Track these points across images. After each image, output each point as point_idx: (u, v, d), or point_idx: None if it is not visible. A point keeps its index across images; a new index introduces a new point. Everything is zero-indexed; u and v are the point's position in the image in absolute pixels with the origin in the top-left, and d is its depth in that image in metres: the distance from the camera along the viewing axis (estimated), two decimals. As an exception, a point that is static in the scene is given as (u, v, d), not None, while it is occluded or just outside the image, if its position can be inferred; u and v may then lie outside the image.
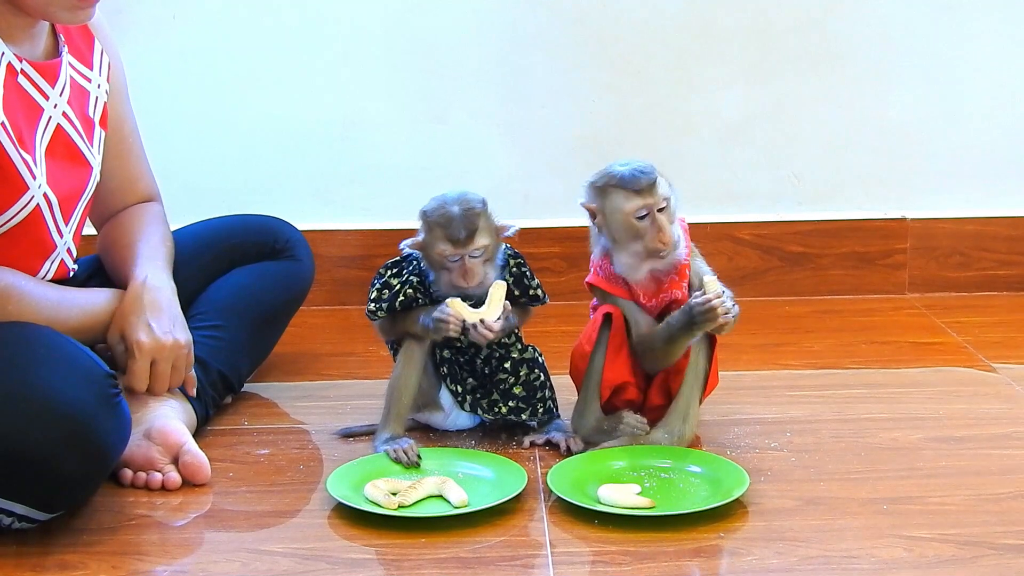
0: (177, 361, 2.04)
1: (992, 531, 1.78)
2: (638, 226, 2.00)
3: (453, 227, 2.00)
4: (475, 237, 2.01)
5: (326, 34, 2.86)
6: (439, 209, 2.03)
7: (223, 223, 2.41)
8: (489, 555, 1.74)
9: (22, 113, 1.92)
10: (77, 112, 2.02)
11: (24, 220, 1.93)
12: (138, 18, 2.81)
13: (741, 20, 2.88)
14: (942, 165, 2.95)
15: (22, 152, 1.90)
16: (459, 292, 2.03)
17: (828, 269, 2.96)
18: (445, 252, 2.02)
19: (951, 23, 2.89)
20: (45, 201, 1.94)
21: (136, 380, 2.00)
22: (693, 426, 2.06)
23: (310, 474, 2.01)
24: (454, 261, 2.02)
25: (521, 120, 2.91)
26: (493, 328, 2.01)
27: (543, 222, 2.91)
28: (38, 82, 1.95)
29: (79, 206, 2.03)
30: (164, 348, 2.02)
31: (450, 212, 2.01)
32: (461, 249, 2.01)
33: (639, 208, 1.99)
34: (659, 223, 1.99)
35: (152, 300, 2.03)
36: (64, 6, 1.90)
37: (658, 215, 1.99)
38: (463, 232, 2.00)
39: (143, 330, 2.01)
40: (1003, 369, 2.44)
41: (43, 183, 1.93)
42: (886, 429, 2.14)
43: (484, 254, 2.03)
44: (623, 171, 2.00)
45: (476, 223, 2.01)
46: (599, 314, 2.07)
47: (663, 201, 2.00)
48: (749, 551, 1.74)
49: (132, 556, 1.75)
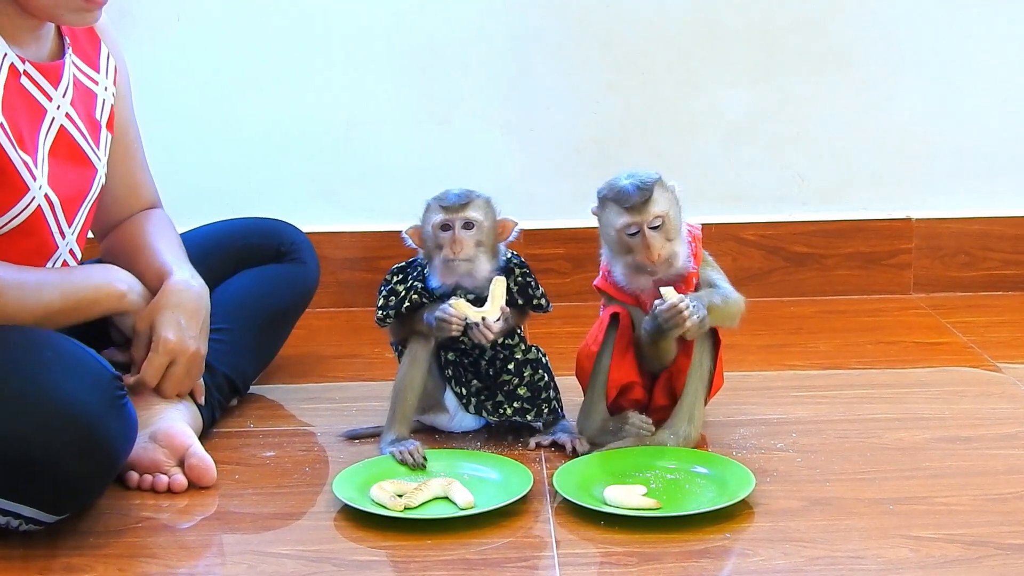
0: (192, 368, 2.05)
1: (998, 531, 1.77)
2: (628, 242, 2.00)
3: (447, 195, 2.04)
4: (467, 207, 2.03)
5: (330, 36, 2.87)
6: (440, 192, 2.06)
7: (228, 226, 2.42)
8: (495, 556, 1.74)
9: (24, 114, 1.92)
10: (82, 114, 2.02)
11: (25, 221, 1.93)
12: (143, 20, 2.81)
13: (746, 20, 2.88)
14: (947, 165, 2.95)
15: (22, 154, 1.90)
16: (454, 278, 2.04)
17: (833, 269, 2.96)
18: (436, 221, 2.03)
19: (956, 23, 2.89)
20: (47, 202, 1.94)
21: (150, 374, 2.01)
22: (698, 427, 2.06)
23: (316, 476, 2.01)
24: (445, 230, 2.03)
25: (525, 121, 2.91)
26: (493, 328, 2.02)
27: (548, 223, 2.91)
28: (41, 83, 1.95)
29: (83, 208, 2.03)
30: (186, 352, 2.03)
31: (449, 190, 2.05)
32: (452, 214, 2.02)
33: (628, 225, 1.99)
34: (648, 240, 1.99)
35: (191, 302, 2.05)
36: (71, 8, 1.90)
37: (649, 232, 1.99)
38: (455, 199, 2.03)
39: (173, 328, 2.02)
40: (1009, 369, 2.44)
41: (44, 184, 1.93)
42: (892, 429, 2.14)
43: (476, 232, 2.03)
44: (622, 185, 2.00)
45: (471, 197, 2.04)
46: (606, 314, 2.07)
47: (656, 219, 1.99)
48: (755, 552, 1.74)
49: (138, 558, 1.75)
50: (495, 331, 2.03)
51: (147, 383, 2.02)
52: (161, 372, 2.02)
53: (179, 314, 2.03)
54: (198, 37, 2.86)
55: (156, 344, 2.01)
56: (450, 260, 2.03)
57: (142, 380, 2.01)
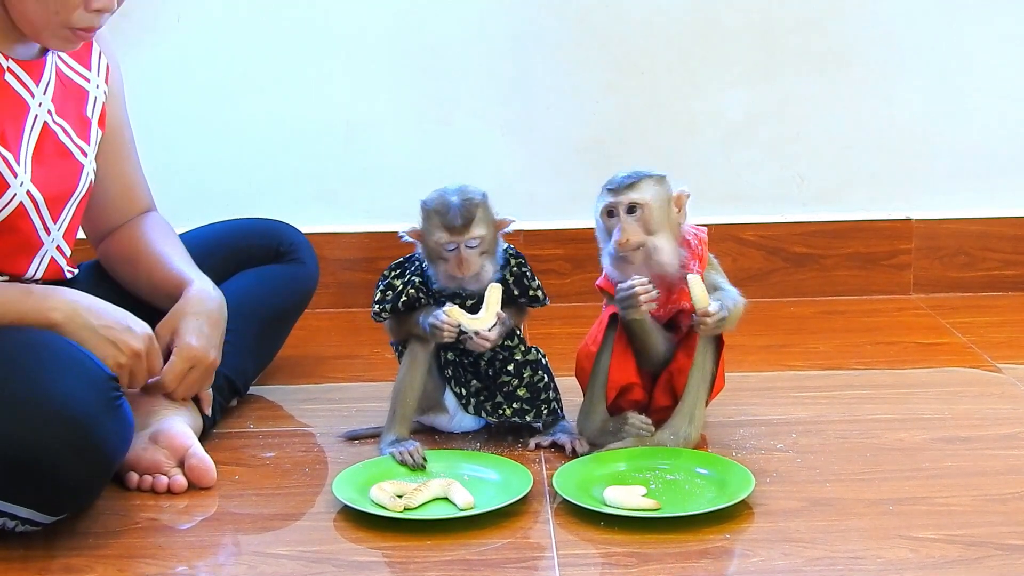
0: (205, 377, 2.05)
1: (998, 531, 1.77)
2: (607, 224, 2.00)
3: (450, 215, 2.00)
4: (471, 226, 2.01)
5: (330, 36, 2.86)
6: (438, 198, 2.03)
7: (227, 227, 2.42)
8: (495, 557, 1.74)
9: (7, 111, 1.92)
10: (70, 111, 2.01)
11: (7, 218, 1.92)
12: (142, 21, 2.81)
13: (745, 20, 2.88)
14: (947, 165, 2.95)
15: (2, 150, 1.90)
16: (456, 285, 2.04)
17: (833, 270, 2.96)
18: (441, 240, 2.02)
19: (956, 23, 2.89)
20: (29, 199, 1.93)
21: (170, 379, 2.01)
22: (699, 428, 2.06)
23: (316, 477, 2.01)
24: (450, 250, 2.02)
25: (525, 121, 2.91)
26: (490, 338, 2.02)
27: (548, 224, 2.91)
28: (24, 79, 1.95)
29: (69, 204, 2.02)
30: (206, 360, 2.04)
31: (448, 200, 2.02)
32: (457, 237, 2.01)
33: (606, 205, 2.00)
34: (622, 223, 1.98)
35: (214, 312, 2.07)
36: (58, 36, 1.90)
37: (624, 216, 1.99)
38: (459, 220, 2.00)
39: (196, 335, 2.02)
40: (1008, 369, 2.44)
41: (26, 181, 1.93)
42: (891, 430, 2.14)
43: (480, 245, 2.02)
44: (617, 175, 2.01)
45: (474, 212, 2.01)
46: (605, 314, 2.07)
47: (635, 205, 1.98)
48: (755, 552, 1.74)
49: (138, 559, 1.75)
50: (492, 339, 2.03)
51: (167, 387, 2.02)
52: (182, 378, 2.02)
53: (203, 321, 2.04)
54: (198, 38, 2.86)
55: (179, 350, 2.01)
56: (456, 277, 2.03)
57: (162, 384, 2.02)
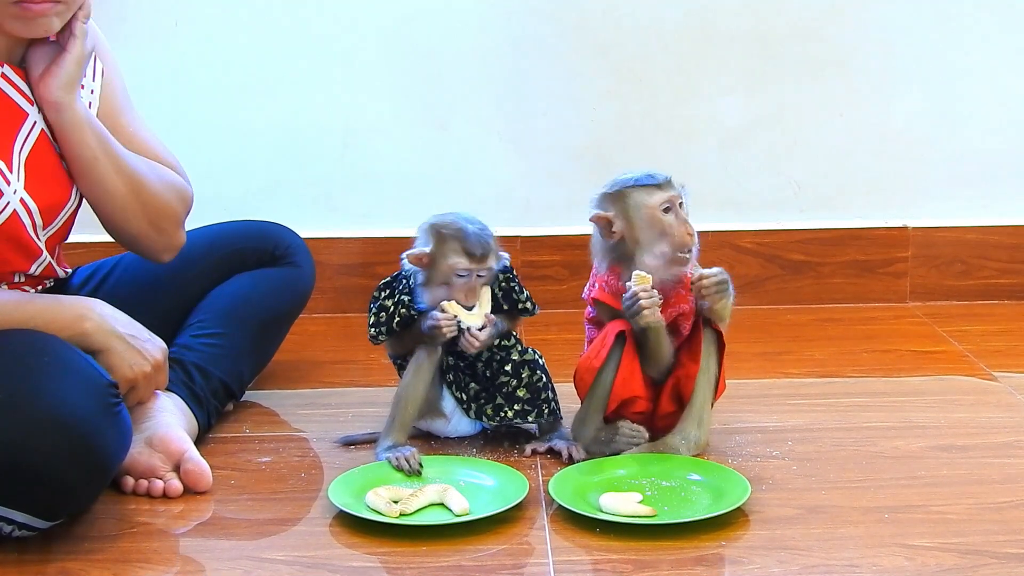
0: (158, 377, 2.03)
1: (994, 540, 1.77)
2: (664, 220, 2.00)
3: (472, 242, 2.02)
4: (489, 256, 2.03)
5: (328, 41, 2.87)
6: (453, 223, 2.04)
7: (223, 229, 2.41)
8: (490, 563, 1.74)
9: (2, 118, 1.92)
10: None
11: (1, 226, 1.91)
12: (140, 25, 2.81)
13: (742, 27, 2.89)
14: (943, 173, 2.95)
15: None
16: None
17: (829, 277, 2.96)
18: (458, 265, 2.02)
19: (952, 31, 2.90)
20: (22, 207, 1.92)
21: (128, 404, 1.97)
22: (707, 431, 2.06)
23: (312, 482, 2.01)
24: (462, 276, 2.02)
25: (522, 127, 2.91)
26: (479, 338, 2.03)
27: (545, 230, 2.91)
28: (21, 87, 1.94)
29: (63, 213, 1.99)
30: (141, 377, 2.00)
31: (465, 227, 2.03)
32: (476, 265, 2.02)
33: (664, 201, 2.00)
34: (684, 216, 2.00)
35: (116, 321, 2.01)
36: (10, 14, 1.87)
37: (679, 209, 2.00)
38: (480, 249, 2.02)
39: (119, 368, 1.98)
40: (1004, 378, 2.44)
41: (19, 189, 1.91)
42: (887, 438, 2.14)
43: (488, 275, 2.04)
44: (637, 174, 2.01)
45: (491, 243, 2.04)
46: (611, 331, 2.05)
47: (682, 196, 2.01)
48: (750, 560, 1.74)
49: (133, 564, 1.75)
50: (482, 339, 2.04)
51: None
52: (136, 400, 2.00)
53: (113, 344, 1.97)
54: (196, 42, 2.86)
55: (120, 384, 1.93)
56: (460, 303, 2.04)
57: None
